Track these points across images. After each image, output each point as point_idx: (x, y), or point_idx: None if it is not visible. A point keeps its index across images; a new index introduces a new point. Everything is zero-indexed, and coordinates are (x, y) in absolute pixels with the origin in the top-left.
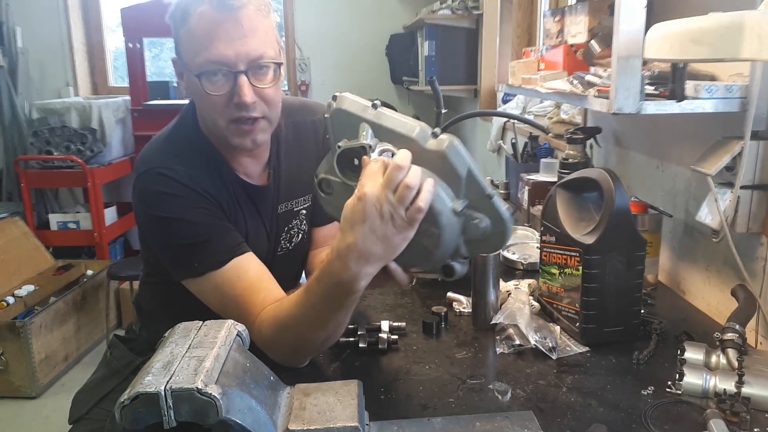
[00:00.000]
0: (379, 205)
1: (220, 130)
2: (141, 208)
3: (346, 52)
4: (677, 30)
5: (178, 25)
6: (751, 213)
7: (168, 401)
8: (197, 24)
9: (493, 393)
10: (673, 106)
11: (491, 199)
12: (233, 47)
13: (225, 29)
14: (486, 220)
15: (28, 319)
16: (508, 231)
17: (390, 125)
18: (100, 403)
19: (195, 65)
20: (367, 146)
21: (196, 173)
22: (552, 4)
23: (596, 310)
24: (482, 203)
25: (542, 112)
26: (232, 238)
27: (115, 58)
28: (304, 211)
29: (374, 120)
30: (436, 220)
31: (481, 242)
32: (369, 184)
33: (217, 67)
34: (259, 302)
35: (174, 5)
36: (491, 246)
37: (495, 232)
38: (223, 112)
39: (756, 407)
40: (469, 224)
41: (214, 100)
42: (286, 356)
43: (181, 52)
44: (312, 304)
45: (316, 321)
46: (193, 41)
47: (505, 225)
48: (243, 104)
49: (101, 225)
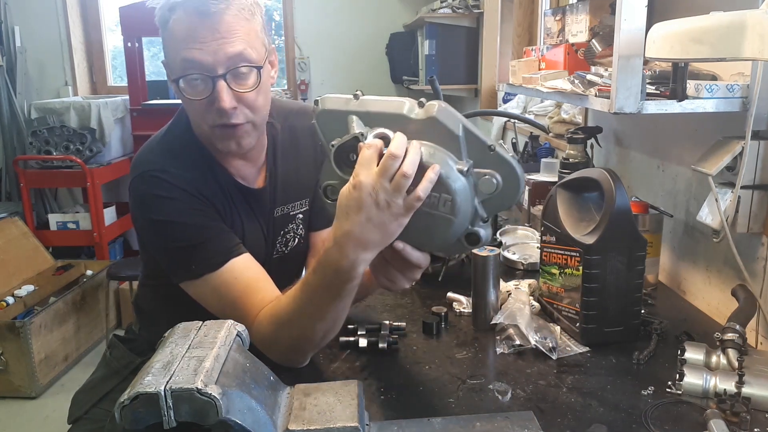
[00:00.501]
0: (374, 194)
1: (206, 134)
2: (137, 211)
3: (346, 51)
4: (678, 29)
5: (162, 29)
6: (751, 213)
7: (168, 401)
8: (175, 28)
9: (493, 393)
10: (674, 106)
11: (494, 150)
12: (210, 51)
13: (202, 33)
14: (495, 173)
15: (28, 319)
16: (520, 177)
17: (377, 109)
18: (100, 403)
19: (174, 69)
20: (359, 135)
21: (191, 175)
22: (553, 3)
23: (596, 310)
24: (487, 158)
25: (543, 111)
26: (229, 239)
27: (114, 57)
28: (300, 215)
29: (360, 109)
30: (446, 185)
31: (497, 198)
32: (363, 172)
33: (193, 71)
34: (257, 303)
35: (158, 9)
36: (508, 198)
37: (508, 183)
38: (204, 116)
39: (756, 407)
40: (480, 181)
41: (194, 104)
42: (285, 354)
43: (164, 52)
44: (310, 296)
45: (316, 312)
46: (172, 45)
47: (516, 172)
48: (222, 110)
49: (101, 225)
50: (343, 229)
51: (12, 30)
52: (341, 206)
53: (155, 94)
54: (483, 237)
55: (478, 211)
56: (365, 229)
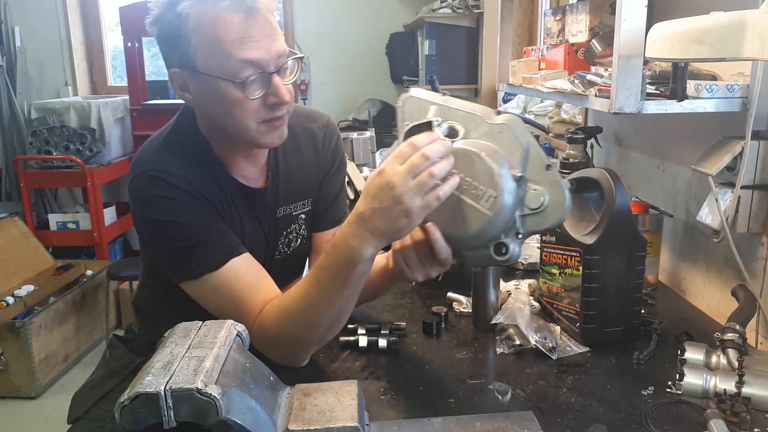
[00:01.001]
0: (392, 186)
1: (248, 133)
2: (137, 211)
3: (346, 51)
4: (678, 29)
5: (189, 33)
6: (751, 213)
7: (168, 401)
8: (222, 28)
9: (493, 393)
10: (674, 106)
11: (550, 169)
12: (264, 49)
13: (254, 32)
14: (544, 192)
15: (28, 319)
16: (566, 204)
17: (456, 105)
18: (99, 403)
19: (225, 71)
20: (432, 120)
21: (191, 175)
22: (553, 3)
23: (596, 310)
24: (542, 178)
25: (543, 111)
26: (229, 239)
27: (114, 57)
28: (303, 216)
29: (442, 102)
30: (496, 182)
31: (538, 217)
32: (392, 163)
33: (252, 70)
34: (258, 303)
35: (176, 13)
36: (548, 220)
37: (553, 205)
38: (257, 114)
39: (756, 407)
40: (529, 195)
41: (249, 104)
42: (288, 350)
43: (195, 61)
44: (319, 281)
45: (323, 299)
46: (217, 47)
47: (564, 195)
48: (281, 104)
49: (101, 225)
50: (358, 210)
51: (12, 30)
52: (365, 187)
53: (155, 94)
54: (512, 251)
55: (516, 223)
56: (375, 215)
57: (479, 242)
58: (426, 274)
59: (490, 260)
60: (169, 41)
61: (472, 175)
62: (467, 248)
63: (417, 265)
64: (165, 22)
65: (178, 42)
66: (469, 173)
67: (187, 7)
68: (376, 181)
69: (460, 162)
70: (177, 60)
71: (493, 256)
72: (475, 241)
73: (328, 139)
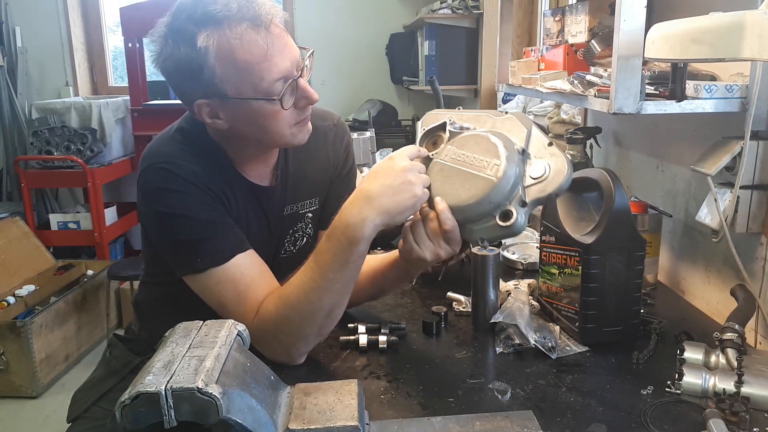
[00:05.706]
0: (401, 164)
1: (283, 138)
2: (144, 203)
3: (346, 51)
4: (678, 30)
5: (213, 64)
6: (750, 213)
7: (168, 401)
8: (247, 51)
9: (493, 393)
10: (673, 106)
11: (551, 146)
12: (286, 57)
13: (275, 44)
14: (546, 162)
15: (29, 319)
16: (568, 168)
17: (468, 113)
18: (99, 402)
19: (259, 92)
20: (446, 121)
21: (200, 170)
22: (552, 4)
23: (596, 310)
24: (544, 152)
25: (542, 112)
26: (235, 234)
27: (115, 57)
28: (310, 214)
29: (456, 113)
30: (499, 153)
31: (543, 183)
32: (405, 152)
33: (282, 83)
34: (259, 299)
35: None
36: (552, 184)
37: (555, 171)
38: (290, 120)
39: (755, 407)
40: (531, 165)
41: (284, 114)
42: (288, 342)
43: (224, 89)
44: (319, 266)
45: (323, 282)
46: (245, 72)
47: (565, 163)
48: (311, 103)
49: (101, 225)
50: (363, 188)
51: (13, 30)
52: (371, 170)
53: (156, 94)
54: (517, 217)
55: (521, 192)
56: (384, 191)
57: (485, 209)
58: (434, 252)
59: (496, 230)
60: (189, 76)
61: (479, 152)
62: (473, 220)
63: (425, 241)
64: (182, 60)
65: (200, 75)
66: (476, 151)
67: (204, 40)
68: (388, 163)
69: (468, 144)
70: (202, 92)
71: (498, 222)
72: (480, 209)
73: (340, 138)
